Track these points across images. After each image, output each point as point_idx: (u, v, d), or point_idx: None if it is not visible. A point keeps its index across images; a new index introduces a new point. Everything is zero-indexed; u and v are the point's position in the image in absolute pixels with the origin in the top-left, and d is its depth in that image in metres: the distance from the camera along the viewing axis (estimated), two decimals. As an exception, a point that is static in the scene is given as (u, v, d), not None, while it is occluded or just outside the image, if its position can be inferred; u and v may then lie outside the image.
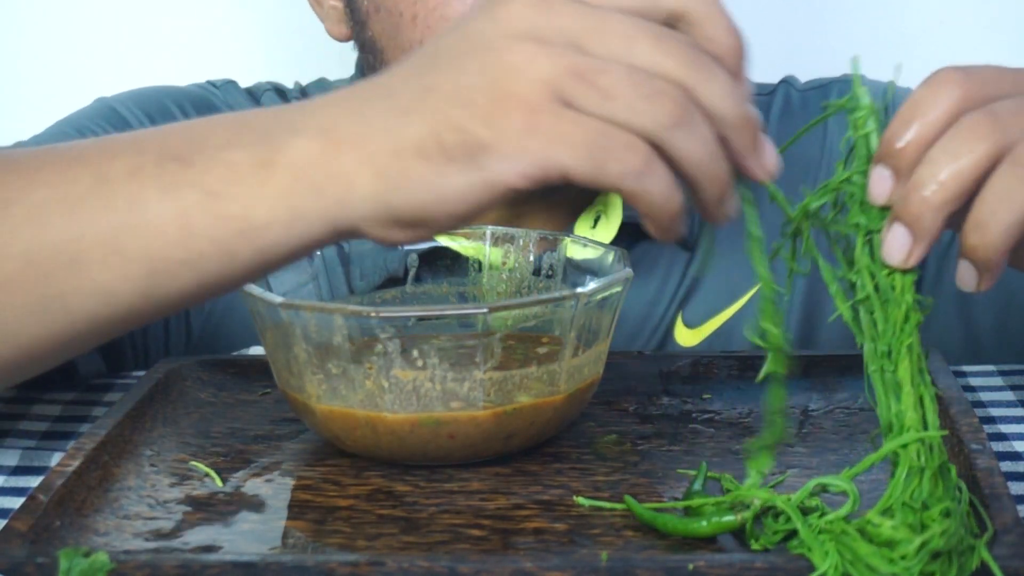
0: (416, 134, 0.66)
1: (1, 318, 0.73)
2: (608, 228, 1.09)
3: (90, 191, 0.72)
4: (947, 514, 0.64)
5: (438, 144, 0.65)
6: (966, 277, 0.69)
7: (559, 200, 1.10)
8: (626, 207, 1.09)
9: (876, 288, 0.68)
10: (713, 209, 0.68)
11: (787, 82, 1.21)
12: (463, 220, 0.67)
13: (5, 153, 0.76)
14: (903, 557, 0.63)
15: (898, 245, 0.67)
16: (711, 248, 0.70)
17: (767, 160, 0.68)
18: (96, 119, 1.15)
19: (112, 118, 1.15)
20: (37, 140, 1.15)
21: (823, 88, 1.19)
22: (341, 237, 0.70)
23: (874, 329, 0.68)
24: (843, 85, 1.19)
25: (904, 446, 0.66)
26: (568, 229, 1.10)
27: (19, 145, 1.13)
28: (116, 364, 1.08)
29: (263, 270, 0.73)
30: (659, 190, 0.65)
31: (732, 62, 0.67)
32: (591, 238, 1.08)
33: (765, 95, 1.19)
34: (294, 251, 0.72)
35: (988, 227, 0.65)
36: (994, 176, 0.65)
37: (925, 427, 0.66)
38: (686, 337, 1.09)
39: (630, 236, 1.09)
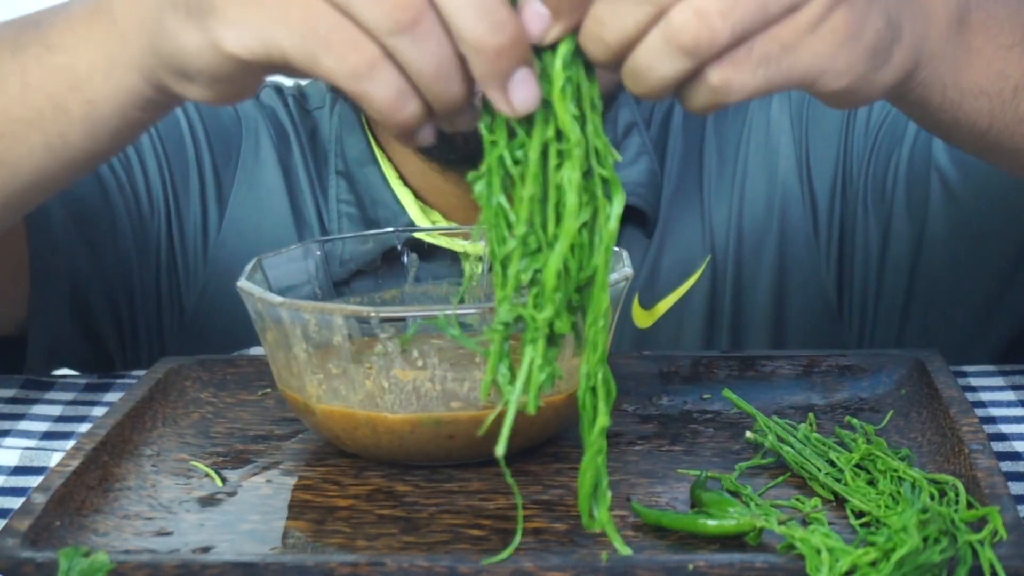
0: None
1: None
2: None
3: None
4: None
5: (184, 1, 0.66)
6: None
7: None
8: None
9: None
10: (446, 127, 0.65)
11: None
12: (216, 80, 0.67)
13: None
14: (903, 529, 0.64)
15: (539, 19, 0.62)
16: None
17: (515, 94, 0.62)
18: None
19: None
20: None
21: None
22: (161, 92, 0.72)
23: None
24: None
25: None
26: None
27: None
28: (100, 346, 1.09)
29: (98, 134, 0.76)
30: (381, 95, 0.62)
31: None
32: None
33: None
34: (121, 106, 0.74)
35: (640, 83, 0.63)
36: (646, 38, 0.62)
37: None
38: (642, 319, 1.10)
39: None
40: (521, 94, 0.62)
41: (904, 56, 0.68)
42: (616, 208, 0.63)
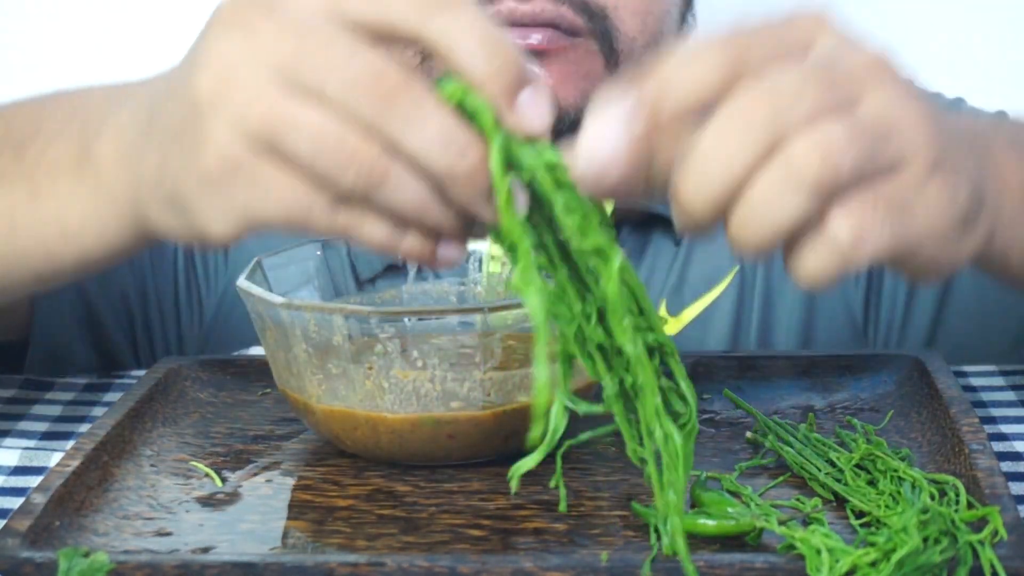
0: (151, 169, 0.65)
1: None
2: None
3: None
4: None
5: (161, 188, 0.65)
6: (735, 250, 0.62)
7: None
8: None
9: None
10: (441, 254, 0.63)
11: None
12: (217, 245, 0.66)
13: None
14: (903, 529, 0.64)
15: (609, 136, 0.59)
16: None
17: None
18: None
19: None
20: None
21: None
22: (153, 242, 0.70)
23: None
24: None
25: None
26: None
27: None
28: (109, 354, 1.08)
29: (96, 269, 0.75)
30: (374, 239, 0.62)
31: (497, 86, 0.59)
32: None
33: None
34: (117, 252, 0.72)
35: (754, 228, 0.59)
36: (763, 173, 0.58)
37: None
38: (669, 325, 1.10)
39: (622, 224, 1.09)
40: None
41: (987, 224, 0.65)
42: (614, 266, 0.61)
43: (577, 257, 0.62)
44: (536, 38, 1.00)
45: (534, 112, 0.60)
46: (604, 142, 0.59)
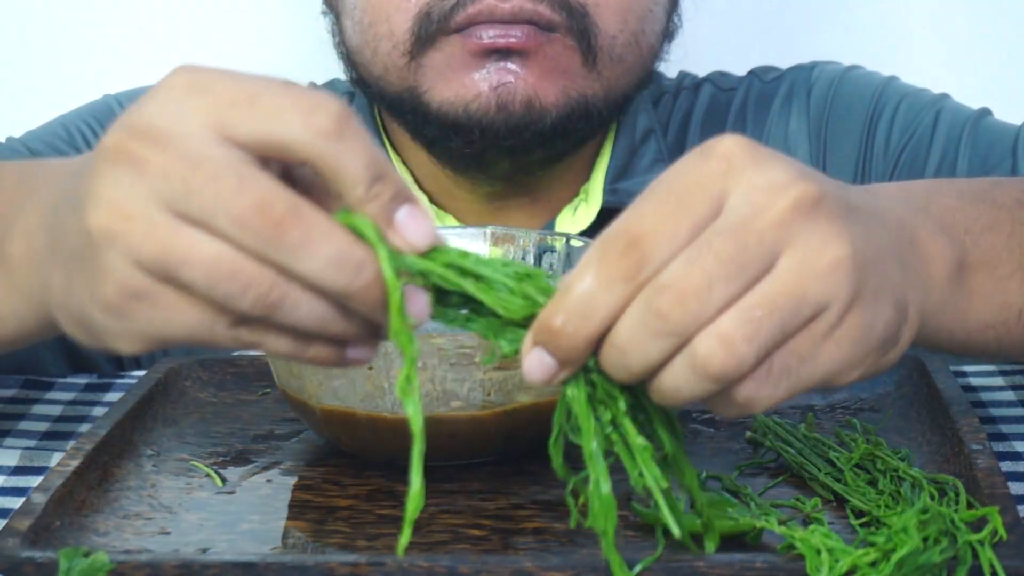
0: (57, 288, 0.66)
1: None
2: (587, 213, 1.10)
3: None
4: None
5: (68, 309, 0.65)
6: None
7: (541, 194, 1.11)
8: (606, 192, 1.10)
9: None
10: (350, 357, 0.65)
11: (754, 74, 1.21)
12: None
13: None
14: (903, 529, 0.64)
15: (541, 367, 0.63)
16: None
17: (414, 310, 0.62)
18: (88, 116, 1.16)
19: (104, 115, 1.16)
20: (31, 135, 1.15)
21: (777, 80, 1.19)
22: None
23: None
24: (796, 73, 1.19)
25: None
26: (550, 221, 1.10)
27: (10, 141, 1.13)
28: (85, 366, 1.08)
29: (24, 347, 0.76)
30: (278, 351, 0.63)
31: (373, 208, 0.61)
32: (574, 231, 1.08)
33: (726, 90, 1.19)
34: (39, 339, 0.75)
35: (667, 400, 0.63)
36: (670, 365, 0.62)
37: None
38: None
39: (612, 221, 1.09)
40: (412, 308, 0.62)
41: (910, 332, 0.67)
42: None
43: None
44: (515, 35, 1.01)
45: (411, 228, 0.62)
46: (535, 375, 0.63)
